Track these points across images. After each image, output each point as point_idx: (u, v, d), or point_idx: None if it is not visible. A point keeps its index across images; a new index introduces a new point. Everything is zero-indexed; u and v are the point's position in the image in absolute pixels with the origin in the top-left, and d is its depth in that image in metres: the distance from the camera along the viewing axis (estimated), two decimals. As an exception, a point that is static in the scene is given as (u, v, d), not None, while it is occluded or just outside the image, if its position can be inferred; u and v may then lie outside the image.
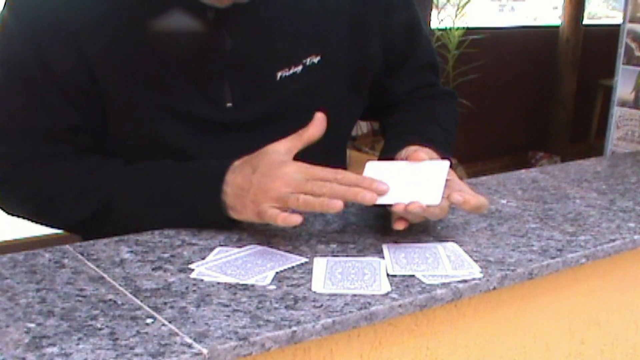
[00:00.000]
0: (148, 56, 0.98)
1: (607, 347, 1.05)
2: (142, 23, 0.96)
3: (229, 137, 1.03)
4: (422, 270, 0.82)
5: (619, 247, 0.95)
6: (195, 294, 0.75)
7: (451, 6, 4.39)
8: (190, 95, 1.00)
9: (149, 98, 0.99)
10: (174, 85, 1.00)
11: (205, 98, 1.01)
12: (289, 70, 1.03)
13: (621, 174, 1.28)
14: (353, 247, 0.89)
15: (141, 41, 0.97)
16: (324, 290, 0.77)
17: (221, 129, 1.02)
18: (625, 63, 2.81)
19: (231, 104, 1.02)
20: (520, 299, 0.91)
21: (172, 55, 0.98)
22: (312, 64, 1.04)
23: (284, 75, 1.03)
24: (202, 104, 1.01)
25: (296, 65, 1.03)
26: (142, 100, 0.99)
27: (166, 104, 1.00)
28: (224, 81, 1.01)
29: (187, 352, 0.63)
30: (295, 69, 1.03)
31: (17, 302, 0.72)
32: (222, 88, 1.01)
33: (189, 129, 1.01)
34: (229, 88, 1.01)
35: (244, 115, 1.03)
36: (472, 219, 1.00)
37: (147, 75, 0.98)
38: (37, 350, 0.63)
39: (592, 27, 5.41)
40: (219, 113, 1.02)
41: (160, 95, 0.99)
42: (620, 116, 2.86)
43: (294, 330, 0.69)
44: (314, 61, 1.05)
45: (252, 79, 1.02)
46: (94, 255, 0.85)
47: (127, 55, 0.97)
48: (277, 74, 1.02)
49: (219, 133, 1.03)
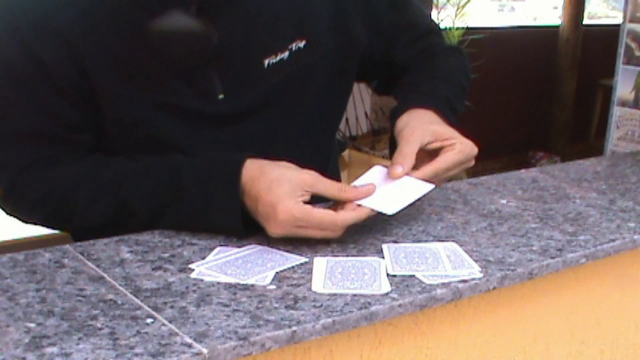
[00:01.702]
0: (136, 52, 0.97)
1: (607, 347, 1.05)
2: (127, 18, 0.96)
3: (222, 128, 1.03)
4: (422, 270, 0.82)
5: (619, 247, 0.95)
6: (195, 294, 0.75)
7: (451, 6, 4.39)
8: (181, 90, 1.00)
9: (139, 94, 0.99)
10: (164, 81, 0.99)
11: (197, 91, 1.01)
12: (275, 57, 1.04)
13: (621, 174, 1.28)
14: (353, 247, 0.89)
15: (127, 37, 0.96)
16: (324, 290, 0.77)
17: (215, 121, 1.03)
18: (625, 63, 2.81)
19: (223, 95, 1.02)
20: (520, 299, 0.91)
21: (159, 50, 0.97)
22: (298, 49, 1.05)
23: (272, 62, 1.03)
24: (194, 98, 1.01)
25: (282, 51, 1.04)
26: (134, 96, 0.99)
27: (157, 100, 0.99)
28: (213, 73, 1.01)
29: (187, 352, 0.63)
30: (282, 54, 1.04)
31: (17, 302, 0.72)
32: (212, 80, 1.01)
33: (183, 123, 1.01)
34: (219, 79, 1.02)
35: (236, 106, 1.03)
36: (472, 219, 1.00)
37: (136, 72, 0.98)
38: (37, 350, 0.63)
39: (592, 27, 5.41)
40: (212, 105, 1.02)
41: (150, 91, 0.99)
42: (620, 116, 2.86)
43: (294, 330, 0.69)
44: (300, 46, 1.05)
45: (241, 69, 1.03)
46: (94, 255, 0.85)
47: (114, 52, 0.96)
48: (265, 61, 1.03)
49: (213, 125, 1.03)
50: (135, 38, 0.96)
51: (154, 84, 0.99)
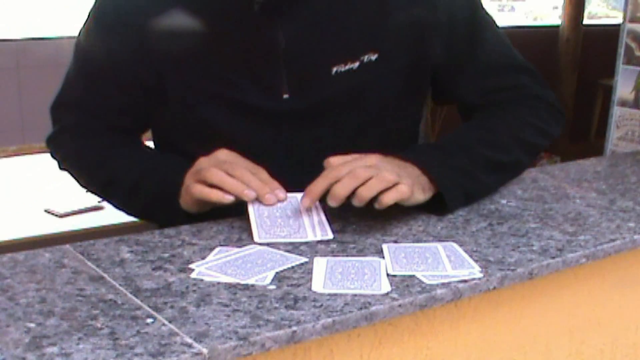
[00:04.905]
0: (203, 47, 1.03)
1: (607, 347, 1.05)
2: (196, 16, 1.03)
3: (280, 126, 1.06)
4: (422, 270, 0.82)
5: (619, 247, 0.94)
6: (195, 294, 0.75)
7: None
8: (245, 85, 1.04)
9: (205, 87, 1.04)
10: (229, 76, 1.04)
11: (262, 89, 1.04)
12: (344, 66, 1.04)
13: (621, 174, 1.28)
14: (353, 247, 0.89)
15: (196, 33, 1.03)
16: (324, 290, 0.77)
17: (274, 119, 1.05)
18: (625, 63, 2.81)
19: (288, 95, 1.04)
20: (520, 299, 0.91)
21: (225, 47, 1.03)
22: (369, 61, 1.05)
23: (340, 71, 1.04)
24: (258, 94, 1.04)
25: (352, 61, 1.04)
26: (199, 89, 1.05)
27: (219, 93, 1.04)
28: (282, 72, 1.03)
29: (187, 352, 0.63)
30: (352, 64, 1.04)
31: (17, 302, 0.72)
32: (280, 79, 1.03)
33: (241, 117, 1.05)
34: (286, 79, 1.03)
35: (298, 107, 1.05)
36: (472, 219, 1.00)
37: (203, 66, 1.04)
38: (37, 350, 0.63)
39: (592, 27, 5.40)
40: (275, 103, 1.04)
41: (216, 85, 1.04)
42: (620, 116, 2.86)
43: (294, 330, 0.69)
44: (372, 58, 1.05)
45: (308, 72, 1.04)
46: (94, 255, 0.85)
47: (186, 51, 1.04)
48: (333, 69, 1.03)
49: (272, 122, 1.05)
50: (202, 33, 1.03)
51: (218, 78, 1.04)
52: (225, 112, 1.05)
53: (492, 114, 1.13)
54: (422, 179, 0.97)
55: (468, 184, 1.01)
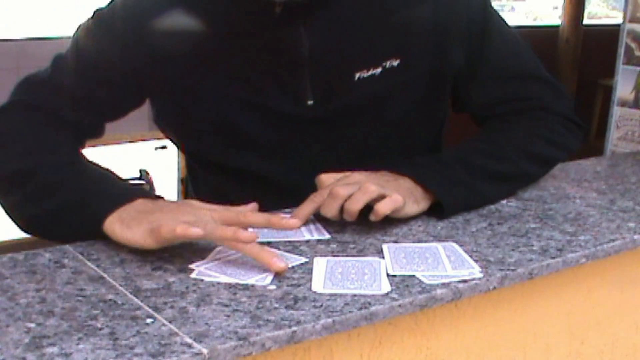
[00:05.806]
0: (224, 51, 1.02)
1: (607, 347, 1.05)
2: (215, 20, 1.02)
3: (303, 132, 1.06)
4: (422, 270, 0.82)
5: (619, 247, 0.94)
6: (195, 294, 0.75)
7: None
8: (270, 90, 1.03)
9: (228, 91, 1.04)
10: (253, 80, 1.03)
11: (286, 93, 1.03)
12: (367, 72, 1.03)
13: (621, 174, 1.28)
14: (353, 247, 0.89)
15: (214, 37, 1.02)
16: (324, 290, 0.77)
17: (297, 124, 1.05)
18: (625, 63, 2.81)
19: (312, 101, 1.04)
20: (520, 299, 0.91)
21: (248, 51, 1.02)
22: (392, 67, 1.04)
23: (362, 76, 1.03)
24: (282, 99, 1.04)
25: (375, 67, 1.03)
26: (222, 92, 1.04)
27: (244, 97, 1.04)
28: (305, 79, 1.03)
29: (187, 352, 0.63)
30: (374, 70, 1.04)
31: (17, 302, 0.72)
32: (304, 86, 1.03)
33: (264, 121, 1.04)
34: (310, 86, 1.03)
35: (321, 113, 1.05)
36: (472, 219, 1.00)
37: (226, 70, 1.03)
38: (37, 350, 0.63)
39: (592, 27, 5.41)
40: (299, 108, 1.04)
41: (239, 89, 1.03)
42: (620, 116, 2.86)
43: (294, 330, 0.69)
44: (394, 64, 1.04)
45: (331, 78, 1.04)
46: (94, 255, 0.85)
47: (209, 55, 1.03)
48: (355, 75, 1.03)
49: (294, 128, 1.05)
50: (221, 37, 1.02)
51: (242, 82, 1.03)
52: (249, 114, 1.05)
53: (495, 127, 1.13)
54: (417, 191, 0.97)
55: (464, 192, 1.00)
